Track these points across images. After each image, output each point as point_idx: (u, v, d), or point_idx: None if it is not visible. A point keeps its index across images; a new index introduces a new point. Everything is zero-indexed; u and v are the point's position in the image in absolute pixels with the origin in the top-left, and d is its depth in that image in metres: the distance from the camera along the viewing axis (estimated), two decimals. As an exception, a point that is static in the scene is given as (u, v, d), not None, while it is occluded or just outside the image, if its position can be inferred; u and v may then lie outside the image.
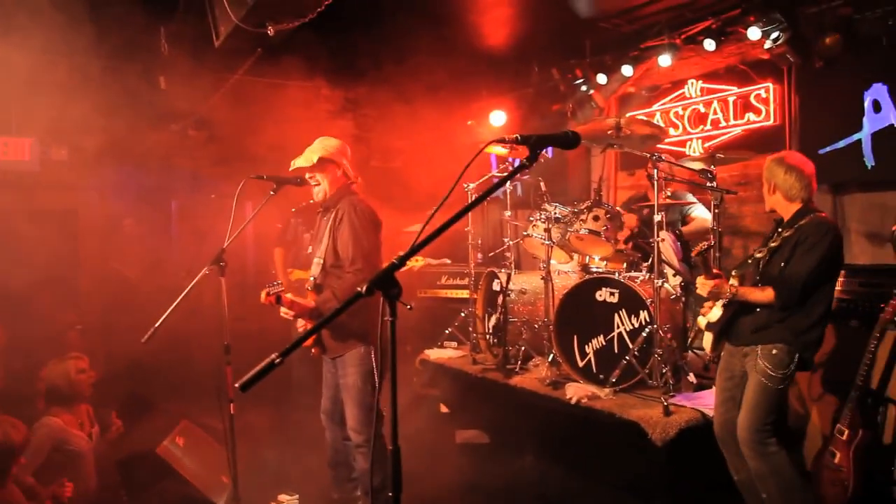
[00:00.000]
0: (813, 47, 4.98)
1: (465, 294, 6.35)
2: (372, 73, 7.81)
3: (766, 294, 3.34)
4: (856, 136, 4.81)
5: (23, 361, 5.58)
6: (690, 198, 5.45)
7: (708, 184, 4.63)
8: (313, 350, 3.95)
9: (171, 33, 5.62)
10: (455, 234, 6.94)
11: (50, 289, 6.21)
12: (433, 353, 6.00)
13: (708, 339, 3.67)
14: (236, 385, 1.62)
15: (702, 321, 3.70)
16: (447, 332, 6.17)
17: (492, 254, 6.24)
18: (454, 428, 5.71)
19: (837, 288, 4.38)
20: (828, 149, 4.95)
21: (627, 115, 6.72)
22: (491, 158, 7.32)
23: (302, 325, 3.91)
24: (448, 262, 7.06)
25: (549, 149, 7.41)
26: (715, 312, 3.59)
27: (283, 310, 3.66)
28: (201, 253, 6.52)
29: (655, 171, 4.38)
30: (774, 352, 3.35)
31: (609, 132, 4.89)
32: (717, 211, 4.70)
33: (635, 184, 6.75)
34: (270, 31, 3.74)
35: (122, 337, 6.14)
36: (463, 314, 5.98)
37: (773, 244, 3.39)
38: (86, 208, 6.86)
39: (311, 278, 3.87)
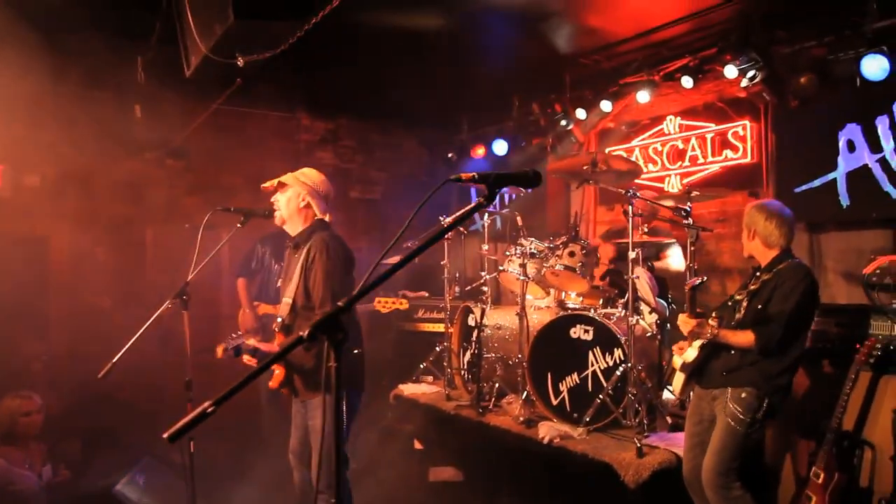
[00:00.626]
0: (788, 87, 5.00)
1: (441, 327, 6.26)
2: (352, 104, 7.81)
3: (746, 337, 3.35)
4: (831, 175, 4.81)
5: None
6: (668, 237, 5.42)
7: (683, 221, 4.62)
8: (283, 391, 3.84)
9: (147, 62, 5.56)
10: (432, 267, 6.90)
11: (17, 318, 6.08)
12: (407, 389, 5.88)
13: (679, 381, 3.63)
14: (164, 436, 1.52)
15: (677, 361, 3.67)
16: (422, 366, 6.07)
17: (468, 287, 6.17)
18: (428, 465, 5.58)
19: (813, 328, 4.35)
20: (804, 187, 4.95)
21: (606, 150, 6.74)
22: (471, 190, 7.27)
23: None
24: (426, 294, 6.98)
25: (529, 182, 7.43)
26: (690, 353, 3.55)
27: (245, 358, 3.56)
28: (174, 284, 6.44)
29: (630, 207, 4.35)
30: (744, 395, 3.34)
31: (585, 167, 4.88)
32: (692, 248, 4.69)
33: (614, 218, 6.72)
34: (240, 62, 3.69)
35: (90, 367, 6.02)
36: (438, 348, 5.89)
37: (752, 287, 3.44)
38: (57, 236, 6.73)
39: (279, 319, 3.76)
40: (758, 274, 3.54)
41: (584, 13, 5.31)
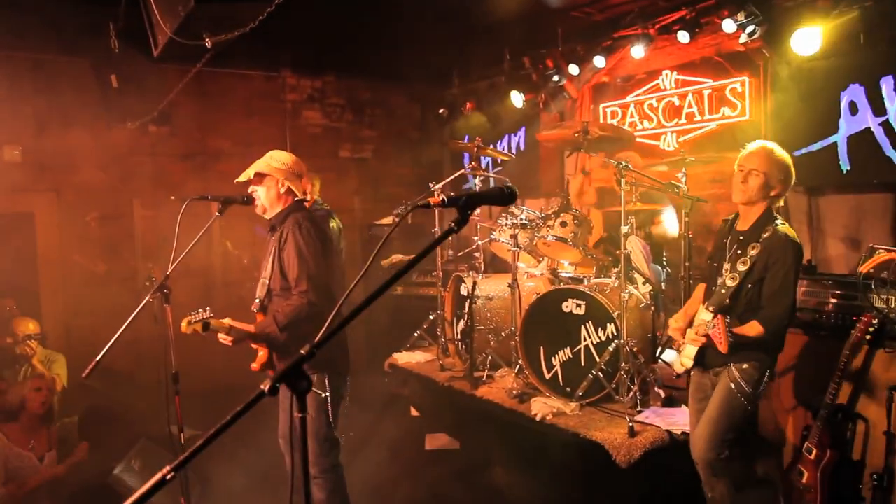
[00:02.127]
0: (789, 43, 4.77)
1: (435, 292, 6.20)
2: (339, 61, 7.56)
3: (755, 329, 3.19)
4: (832, 139, 4.64)
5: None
6: (663, 203, 5.29)
7: (677, 191, 4.50)
8: (269, 372, 3.80)
9: (119, 31, 5.33)
10: (424, 227, 6.79)
11: (7, 296, 6.03)
12: (401, 357, 5.87)
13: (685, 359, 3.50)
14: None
15: (685, 361, 3.46)
16: (416, 334, 6.04)
17: (461, 253, 6.08)
18: (424, 432, 5.62)
19: (810, 299, 4.27)
20: (803, 150, 4.78)
21: (600, 105, 6.54)
22: (464, 156, 7.12)
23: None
24: (419, 259, 6.90)
25: (522, 142, 7.24)
26: (690, 350, 3.42)
27: (220, 336, 3.49)
28: (163, 255, 6.36)
29: (622, 181, 4.22)
30: (745, 366, 3.28)
31: (576, 134, 4.72)
32: (686, 219, 4.59)
33: (609, 177, 6.56)
34: (208, 43, 3.51)
35: (83, 343, 6.02)
36: (432, 317, 5.84)
37: (741, 267, 3.19)
38: (42, 211, 6.61)
39: (257, 300, 3.71)
40: (742, 242, 3.27)
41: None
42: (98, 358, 3.45)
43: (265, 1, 3.19)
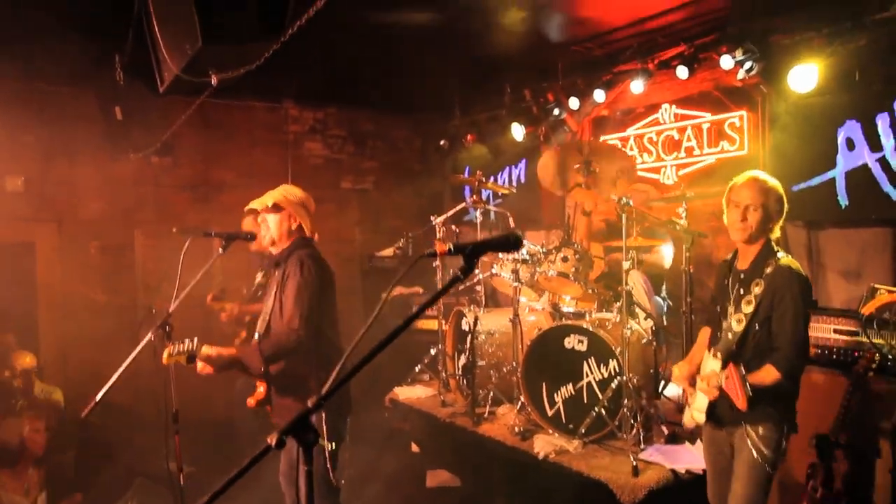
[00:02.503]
0: (786, 80, 4.82)
1: (435, 325, 6.18)
2: (341, 93, 7.62)
3: (771, 376, 2.91)
4: (830, 174, 4.67)
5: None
6: (664, 239, 5.30)
7: (678, 228, 4.52)
8: (269, 408, 3.78)
9: (125, 64, 5.38)
10: (427, 261, 6.79)
11: (6, 327, 6.00)
12: (402, 392, 5.84)
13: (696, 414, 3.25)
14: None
15: (696, 416, 3.21)
16: (417, 369, 6.02)
17: (462, 286, 6.07)
18: (425, 468, 5.57)
19: (813, 334, 4.27)
20: (802, 185, 4.81)
21: (600, 138, 6.59)
22: (465, 189, 7.14)
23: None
24: (420, 290, 6.91)
25: (523, 174, 7.28)
26: (700, 401, 3.16)
27: (199, 366, 3.45)
28: (164, 288, 6.35)
29: (623, 217, 4.24)
30: (762, 431, 3.01)
31: (577, 167, 4.76)
32: (688, 254, 4.60)
33: (608, 212, 6.59)
34: (214, 80, 3.55)
35: (82, 375, 5.99)
36: (433, 351, 5.82)
37: (747, 307, 2.98)
38: (44, 241, 6.61)
39: (257, 335, 3.72)
40: (744, 281, 3.06)
41: (576, 3, 5.11)
42: (98, 397, 3.44)
43: (271, 40, 3.23)
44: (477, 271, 5.77)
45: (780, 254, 3.07)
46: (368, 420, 5.67)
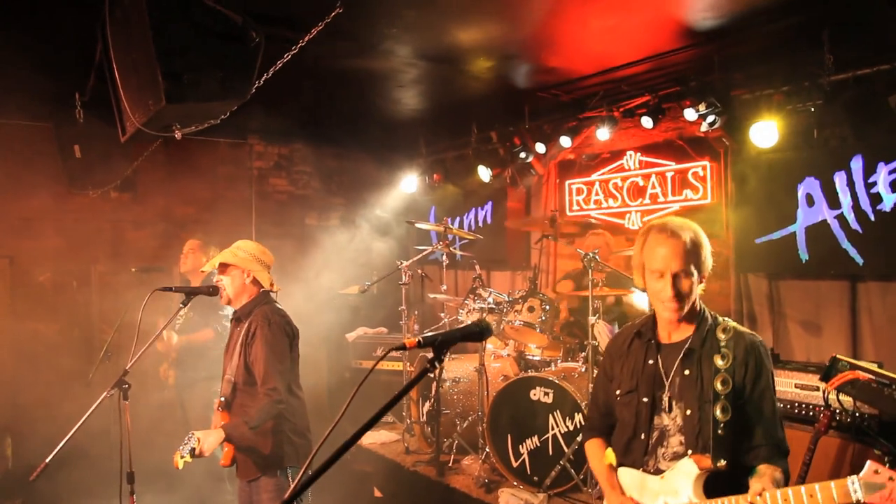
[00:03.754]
0: (747, 134, 4.93)
1: (400, 366, 6.12)
2: (306, 129, 7.57)
3: (774, 473, 2.17)
4: (791, 228, 4.77)
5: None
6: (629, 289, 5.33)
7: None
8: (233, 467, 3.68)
9: (84, 103, 5.26)
10: (390, 301, 6.74)
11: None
12: (366, 437, 5.74)
13: None
14: None
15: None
16: (385, 418, 5.93)
17: (428, 331, 6.02)
18: (388, 515, 5.48)
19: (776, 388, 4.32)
20: (764, 238, 4.90)
21: (566, 182, 6.64)
22: (431, 236, 7.13)
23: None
24: (384, 331, 6.84)
25: (489, 215, 7.29)
26: None
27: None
28: (121, 326, 6.18)
29: (590, 271, 4.26)
30: None
31: (545, 222, 4.77)
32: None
33: (574, 253, 6.64)
34: (178, 134, 3.48)
35: (32, 420, 5.78)
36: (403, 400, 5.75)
37: (720, 386, 2.19)
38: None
39: (222, 398, 3.61)
40: (688, 358, 2.28)
41: (544, 54, 5.15)
42: (48, 459, 3.29)
43: (235, 98, 3.18)
44: (442, 315, 5.74)
45: (720, 317, 2.37)
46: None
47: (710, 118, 5.04)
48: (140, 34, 3.03)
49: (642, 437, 2.30)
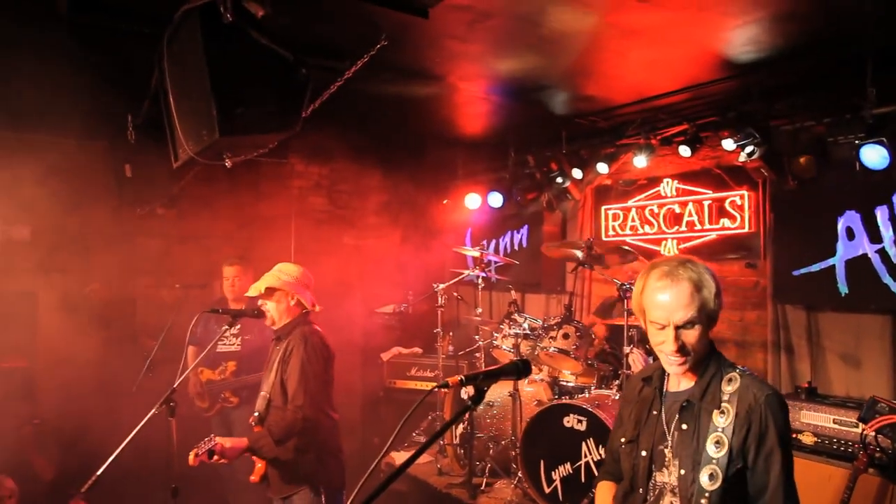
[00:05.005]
0: (787, 165, 4.93)
1: (432, 386, 6.18)
2: (348, 150, 7.73)
3: None
4: (830, 261, 4.73)
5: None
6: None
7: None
8: (264, 484, 3.78)
9: (137, 125, 5.47)
10: (426, 322, 6.82)
11: (3, 377, 5.99)
12: (399, 457, 5.81)
13: None
14: None
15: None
16: (415, 434, 6.00)
17: (462, 352, 6.09)
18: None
19: (810, 422, 4.30)
20: (803, 270, 4.87)
21: (602, 207, 6.67)
22: (467, 259, 7.20)
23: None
24: (419, 351, 6.92)
25: (525, 239, 7.34)
26: None
27: (215, 457, 3.49)
28: (165, 341, 6.36)
29: (625, 300, 4.29)
30: None
31: (581, 252, 4.82)
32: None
33: (610, 278, 6.65)
34: (228, 163, 3.62)
35: (79, 430, 5.96)
36: (430, 416, 5.82)
37: (715, 451, 1.97)
38: (46, 290, 6.64)
39: (256, 413, 3.74)
40: (687, 410, 2.08)
41: (582, 83, 5.22)
42: (99, 472, 3.44)
43: (286, 131, 3.31)
44: (477, 338, 5.80)
45: (738, 367, 2.12)
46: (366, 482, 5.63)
47: (749, 148, 5.04)
48: (196, 69, 3.17)
49: (640, 491, 2.13)
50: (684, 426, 2.07)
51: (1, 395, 5.82)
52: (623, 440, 2.25)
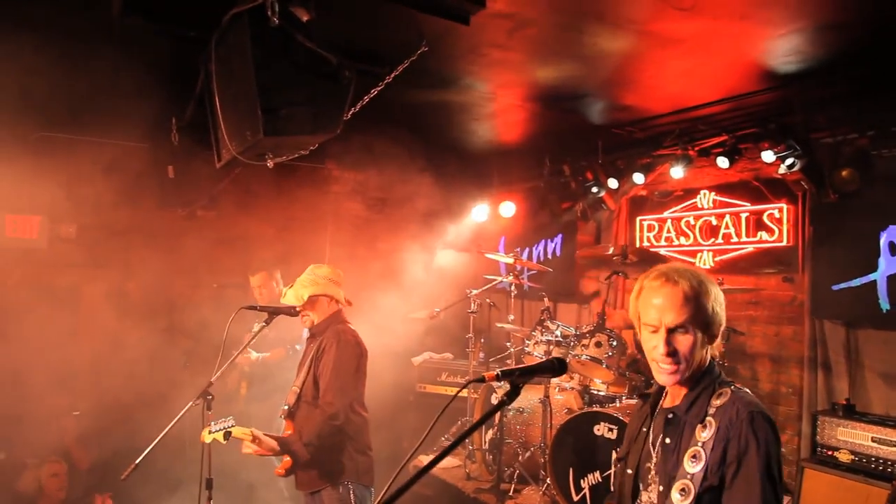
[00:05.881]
0: (828, 178, 4.86)
1: (465, 392, 6.20)
2: (383, 156, 7.81)
3: None
4: (871, 276, 4.65)
5: (6, 451, 5.53)
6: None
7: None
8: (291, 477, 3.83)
9: (181, 126, 5.61)
10: (457, 328, 6.85)
11: (46, 369, 6.16)
12: (427, 460, 5.81)
13: None
14: None
15: None
16: (444, 438, 6.01)
17: (493, 359, 6.10)
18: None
19: (848, 439, 4.22)
20: (842, 285, 4.79)
21: (637, 218, 6.64)
22: (500, 263, 7.22)
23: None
24: (450, 356, 6.94)
25: (559, 248, 7.34)
26: None
27: (246, 445, 3.53)
28: (201, 335, 6.49)
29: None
30: None
31: (615, 258, 4.80)
32: (722, 349, 4.59)
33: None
34: (270, 163, 3.70)
35: (118, 422, 6.10)
36: (460, 421, 5.83)
37: (692, 466, 1.85)
38: (89, 285, 6.83)
39: (285, 406, 3.79)
40: (673, 424, 1.98)
41: (620, 93, 5.23)
42: (138, 461, 3.52)
43: (327, 132, 3.37)
44: (508, 344, 5.81)
45: (732, 382, 1.99)
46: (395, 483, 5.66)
47: (789, 160, 5.00)
48: (242, 70, 3.26)
49: None
50: (667, 441, 1.97)
51: (43, 387, 6.00)
52: (615, 458, 2.18)
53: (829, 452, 4.28)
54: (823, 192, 4.99)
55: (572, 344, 4.88)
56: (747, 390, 1.96)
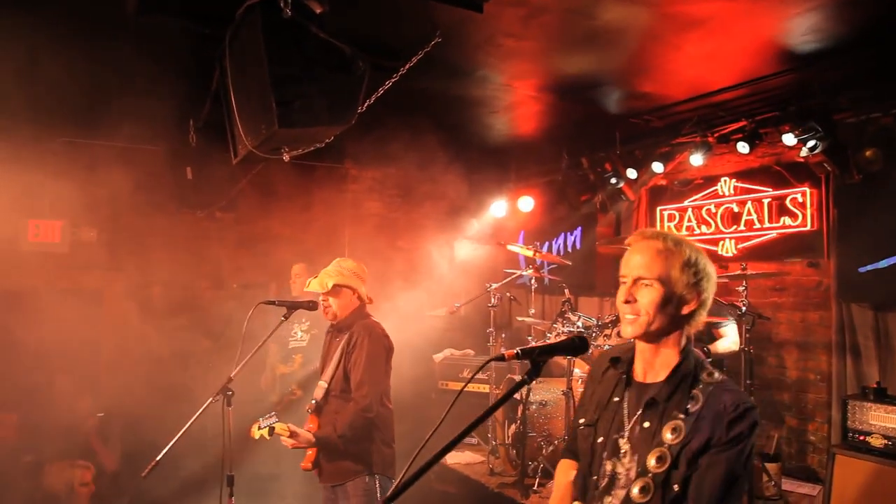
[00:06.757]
0: (852, 159, 4.77)
1: (486, 389, 6.17)
2: (401, 154, 7.80)
3: None
4: (898, 258, 4.56)
5: (34, 453, 5.58)
6: (723, 316, 5.20)
7: (739, 313, 4.46)
8: (315, 471, 3.83)
9: (198, 128, 5.65)
10: (478, 322, 6.82)
11: (69, 371, 6.23)
12: (450, 457, 5.81)
13: None
14: None
15: None
16: (469, 437, 5.99)
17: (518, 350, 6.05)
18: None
19: (877, 423, 4.13)
20: (868, 267, 4.69)
21: (657, 208, 6.57)
22: (519, 258, 7.18)
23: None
24: (471, 353, 6.91)
25: (578, 241, 7.28)
26: None
27: (283, 439, 3.55)
28: (225, 335, 6.52)
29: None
30: None
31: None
32: (748, 335, 4.52)
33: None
34: (286, 157, 3.71)
35: (140, 423, 6.14)
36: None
37: (669, 435, 1.86)
38: (111, 288, 6.90)
39: (313, 401, 3.81)
40: (652, 406, 1.95)
41: (637, 80, 5.17)
42: (158, 457, 3.52)
43: (341, 125, 3.37)
44: (529, 338, 5.77)
45: (711, 368, 1.97)
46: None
47: (811, 143, 4.90)
48: (256, 64, 3.27)
49: (594, 478, 2.01)
50: (646, 424, 1.94)
51: (68, 389, 6.06)
52: (582, 421, 2.14)
53: (861, 437, 4.18)
54: (847, 173, 4.89)
55: (594, 335, 4.83)
56: (731, 381, 1.96)
